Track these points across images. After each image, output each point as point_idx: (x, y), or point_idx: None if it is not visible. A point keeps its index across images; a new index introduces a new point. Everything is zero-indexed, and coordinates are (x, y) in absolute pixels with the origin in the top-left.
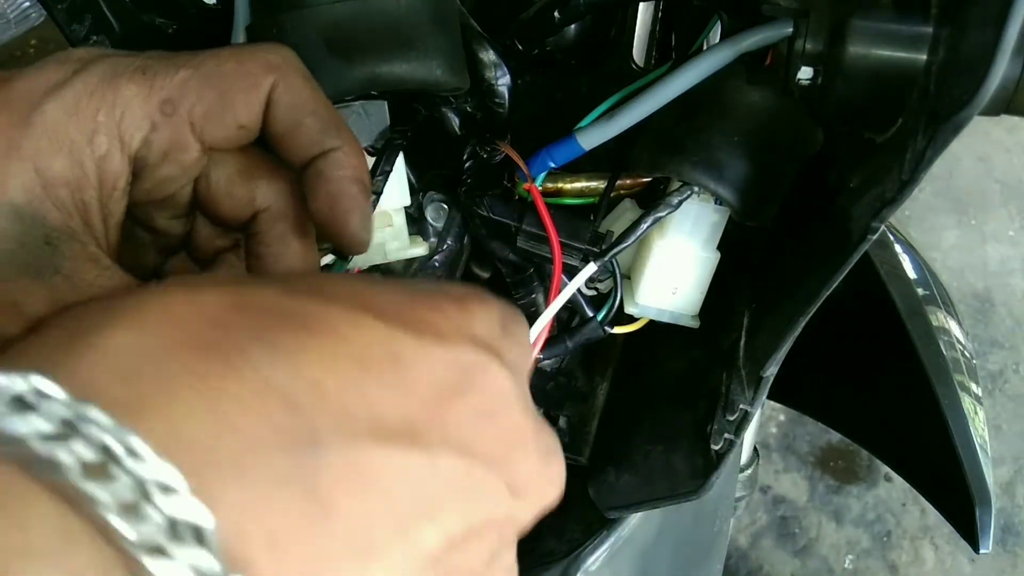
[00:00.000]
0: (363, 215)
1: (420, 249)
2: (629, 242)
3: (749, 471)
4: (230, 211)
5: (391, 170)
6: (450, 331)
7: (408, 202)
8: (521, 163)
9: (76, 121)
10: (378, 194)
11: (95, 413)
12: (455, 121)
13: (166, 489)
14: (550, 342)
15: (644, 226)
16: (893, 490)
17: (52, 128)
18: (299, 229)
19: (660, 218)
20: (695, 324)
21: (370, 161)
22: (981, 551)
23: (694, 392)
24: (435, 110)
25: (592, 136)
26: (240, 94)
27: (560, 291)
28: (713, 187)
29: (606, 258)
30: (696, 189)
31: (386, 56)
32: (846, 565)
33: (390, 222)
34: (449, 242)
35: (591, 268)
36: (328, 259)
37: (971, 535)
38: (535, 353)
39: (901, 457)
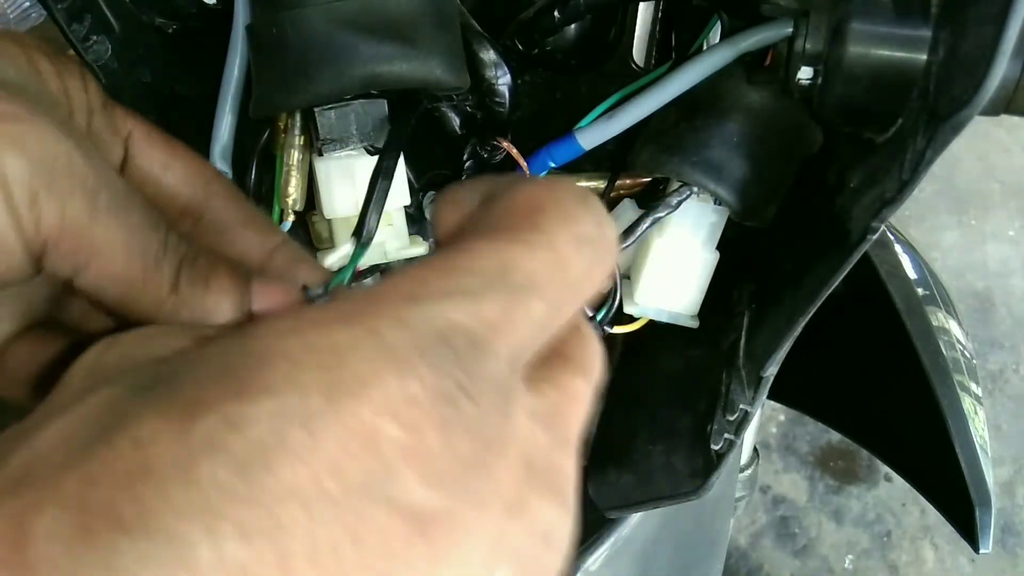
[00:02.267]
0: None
1: (420, 249)
2: (629, 243)
3: (749, 471)
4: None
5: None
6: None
7: (408, 201)
8: (521, 161)
9: None
10: (389, 179)
11: None
12: (455, 121)
13: None
14: None
15: (643, 227)
16: (893, 490)
17: None
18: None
19: (659, 218)
20: (694, 324)
21: (371, 159)
22: (981, 551)
23: (694, 392)
24: (435, 109)
25: (592, 136)
26: None
27: None
28: (712, 187)
29: None
30: (695, 189)
31: (386, 55)
32: (846, 565)
33: (390, 221)
34: None
35: None
36: (346, 248)
37: (971, 535)
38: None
39: (901, 457)
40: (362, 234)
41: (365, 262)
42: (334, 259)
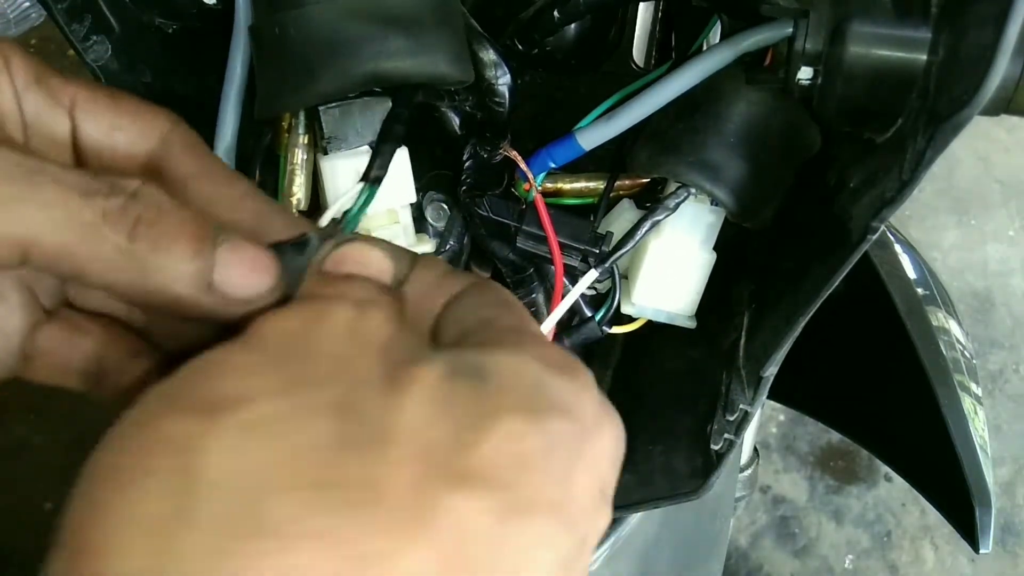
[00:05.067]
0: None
1: (427, 247)
2: (628, 247)
3: (749, 471)
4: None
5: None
6: None
7: (414, 199)
8: (522, 164)
9: None
10: (379, 180)
11: None
12: (455, 121)
13: None
14: None
15: (642, 231)
16: (893, 490)
17: None
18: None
19: (658, 222)
20: (692, 324)
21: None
22: (981, 551)
23: (694, 392)
24: (435, 109)
25: (592, 136)
26: None
27: (562, 293)
28: (709, 188)
29: (606, 264)
30: (692, 190)
31: (389, 51)
32: (846, 565)
33: (397, 219)
34: (450, 242)
35: (593, 274)
36: (353, 191)
37: (971, 535)
38: None
39: (901, 457)
40: (371, 173)
41: None
42: (338, 205)
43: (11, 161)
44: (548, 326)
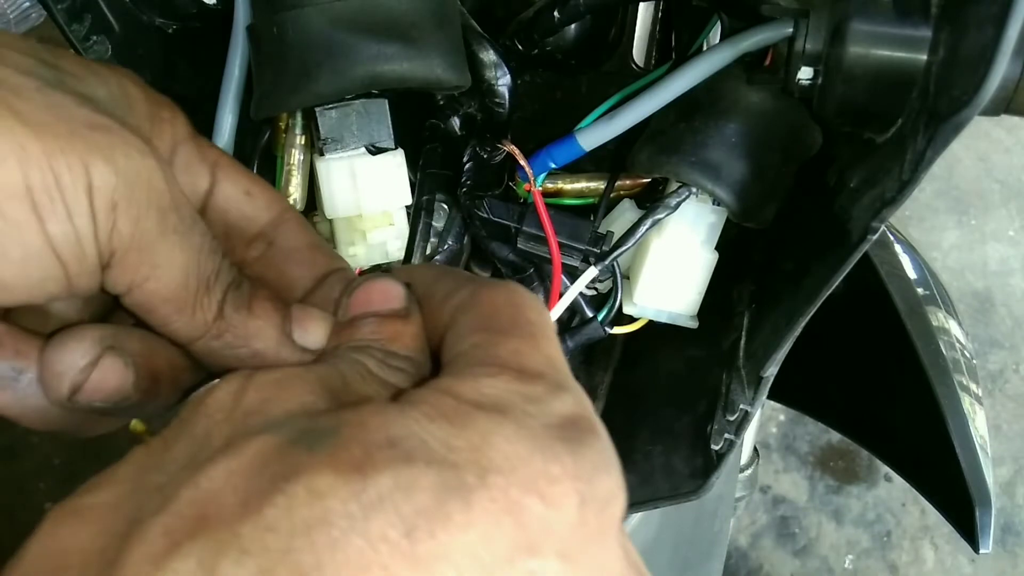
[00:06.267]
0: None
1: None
2: (628, 245)
3: (749, 471)
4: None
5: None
6: None
7: (409, 201)
8: (524, 162)
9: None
10: (430, 215)
11: None
12: (455, 122)
13: None
14: None
15: (643, 229)
16: (893, 490)
17: None
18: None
19: (659, 220)
20: (694, 324)
21: (372, 159)
22: (981, 551)
23: (694, 392)
24: (443, 120)
25: (592, 136)
26: None
27: (561, 293)
28: (710, 188)
29: (606, 262)
30: (694, 190)
31: (387, 54)
32: (846, 565)
33: (391, 221)
34: (449, 242)
35: (592, 272)
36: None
37: (971, 535)
38: None
39: (901, 457)
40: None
41: (367, 261)
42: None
43: (184, 207)
44: None
